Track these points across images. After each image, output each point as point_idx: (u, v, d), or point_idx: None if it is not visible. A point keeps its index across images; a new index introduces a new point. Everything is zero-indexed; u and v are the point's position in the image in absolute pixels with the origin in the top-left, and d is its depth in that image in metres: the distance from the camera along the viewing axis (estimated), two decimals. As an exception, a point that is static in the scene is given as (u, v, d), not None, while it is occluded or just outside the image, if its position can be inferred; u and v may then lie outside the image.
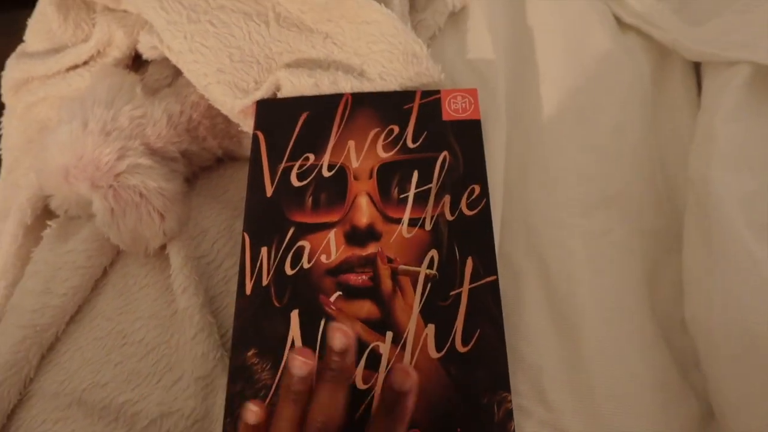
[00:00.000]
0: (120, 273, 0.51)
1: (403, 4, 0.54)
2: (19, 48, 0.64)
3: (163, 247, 0.51)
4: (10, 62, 0.62)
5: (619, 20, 0.63)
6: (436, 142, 0.46)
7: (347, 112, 0.47)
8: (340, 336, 0.35)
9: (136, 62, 0.60)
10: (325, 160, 0.46)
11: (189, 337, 0.46)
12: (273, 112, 0.49)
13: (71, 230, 0.53)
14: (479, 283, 0.41)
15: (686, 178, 0.50)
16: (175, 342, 0.47)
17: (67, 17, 0.58)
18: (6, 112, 0.64)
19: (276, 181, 0.46)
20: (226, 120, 0.54)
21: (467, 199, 0.44)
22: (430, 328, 0.40)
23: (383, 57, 0.48)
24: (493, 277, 0.41)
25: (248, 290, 0.42)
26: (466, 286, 0.41)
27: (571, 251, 0.48)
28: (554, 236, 0.49)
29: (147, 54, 0.55)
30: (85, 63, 0.60)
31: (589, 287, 0.47)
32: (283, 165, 0.46)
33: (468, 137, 0.46)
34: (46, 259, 0.50)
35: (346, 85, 0.48)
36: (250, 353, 0.41)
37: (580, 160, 0.52)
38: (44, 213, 0.56)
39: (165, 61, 0.57)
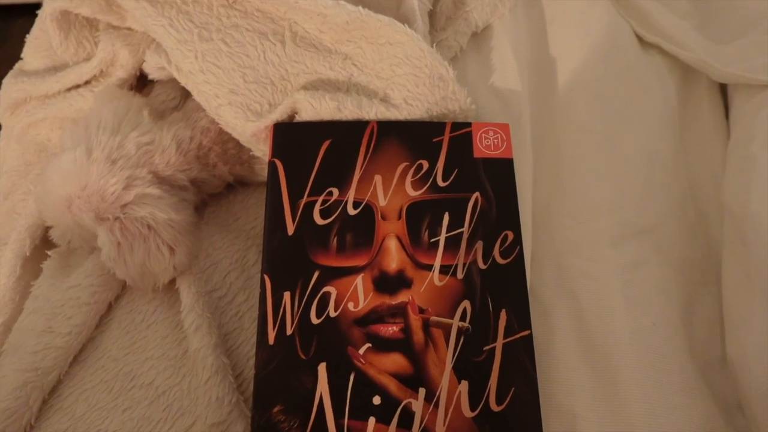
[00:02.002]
0: (126, 309, 0.48)
1: (425, 24, 0.52)
2: (17, 66, 0.61)
3: (173, 281, 0.48)
4: (7, 81, 0.59)
5: (641, 39, 0.61)
6: (468, 181, 0.44)
7: (373, 142, 0.45)
8: None
9: (141, 82, 0.58)
10: (351, 196, 0.43)
11: (202, 381, 0.43)
12: (292, 138, 0.46)
13: (73, 262, 0.51)
14: (513, 338, 0.39)
15: (722, 208, 0.48)
16: (187, 385, 0.44)
17: (69, 34, 0.55)
18: (2, 133, 0.61)
19: (298, 218, 0.43)
20: (238, 145, 0.51)
21: (500, 246, 0.42)
22: (464, 385, 0.38)
23: (408, 80, 0.46)
24: (527, 332, 0.39)
25: (271, 340, 0.40)
26: (500, 341, 0.39)
27: (603, 285, 0.46)
28: (585, 269, 0.47)
29: (153, 75, 0.53)
30: (87, 83, 0.57)
31: (624, 323, 0.45)
32: (305, 200, 0.43)
33: (500, 178, 0.44)
34: (47, 296, 0.47)
35: (371, 110, 0.45)
36: (275, 410, 0.38)
37: (610, 190, 0.50)
38: (43, 243, 0.53)
39: (172, 81, 0.54)
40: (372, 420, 0.37)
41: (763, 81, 0.52)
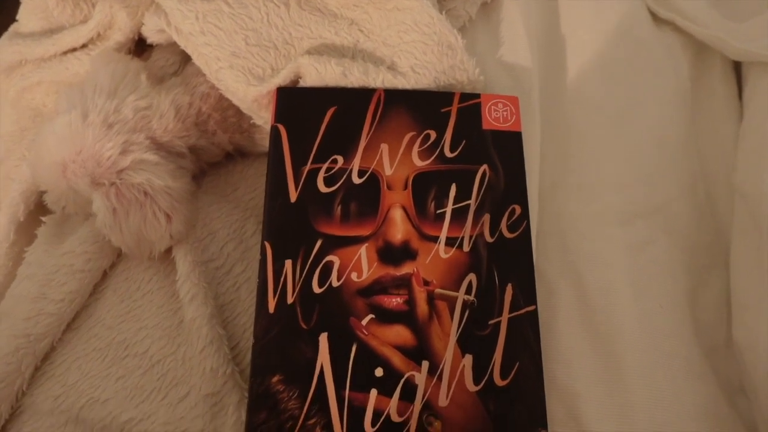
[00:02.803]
0: (121, 277, 0.47)
1: (433, -9, 0.50)
2: (12, 28, 0.60)
3: (169, 250, 0.47)
4: (2, 43, 0.57)
5: (654, 16, 0.59)
6: (476, 153, 0.43)
7: (380, 111, 0.43)
8: None
9: (140, 47, 0.56)
10: (356, 164, 0.42)
11: (197, 351, 0.42)
12: (296, 103, 0.44)
13: (68, 228, 0.49)
14: (519, 312, 0.39)
15: (732, 190, 0.47)
16: (181, 355, 0.43)
17: (65, -5, 0.54)
18: (-3, 97, 0.60)
19: (301, 184, 0.42)
20: (238, 113, 0.50)
21: (508, 219, 0.41)
22: (468, 359, 0.37)
23: (416, 48, 0.44)
24: (532, 307, 0.39)
25: (271, 308, 0.39)
26: (505, 315, 0.38)
27: (609, 264, 0.45)
28: (591, 249, 0.46)
29: (152, 38, 0.51)
30: (84, 46, 0.55)
31: (628, 304, 0.44)
32: (308, 167, 0.42)
33: (509, 151, 0.43)
34: (41, 262, 0.46)
35: (378, 77, 0.44)
36: (274, 380, 0.37)
37: (618, 169, 0.49)
38: (37, 208, 0.52)
39: (171, 46, 0.53)
40: (374, 392, 0.37)
41: (782, 59, 0.50)
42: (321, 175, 0.42)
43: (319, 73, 0.44)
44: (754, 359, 0.40)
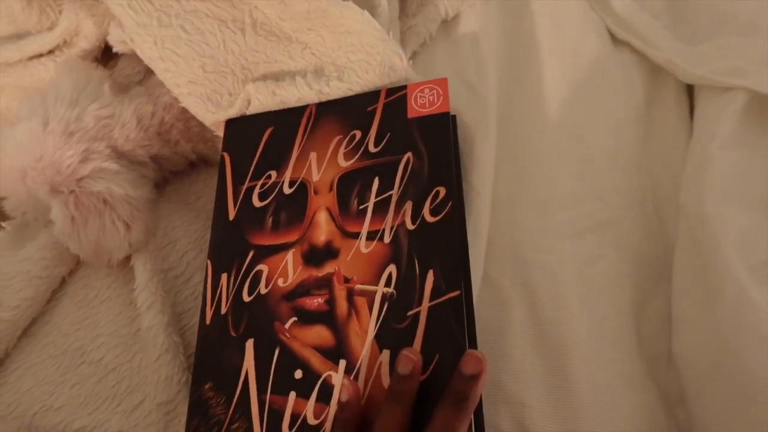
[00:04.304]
0: (79, 284, 0.48)
1: (393, 8, 0.51)
2: (-23, 32, 0.59)
3: (128, 257, 0.47)
4: (-33, 47, 0.57)
5: (613, 36, 0.61)
6: (400, 143, 0.42)
7: (311, 123, 0.44)
8: (405, 362, 0.34)
9: (106, 54, 0.56)
10: (287, 176, 0.43)
11: (152, 359, 0.43)
12: (240, 131, 0.46)
13: (27, 234, 0.50)
14: (440, 300, 0.36)
15: (678, 207, 0.49)
16: (137, 363, 0.44)
17: (31, 2, 0.54)
18: (-40, 100, 0.59)
19: (239, 202, 0.43)
20: (201, 123, 0.50)
21: (431, 204, 0.39)
22: (385, 354, 0.36)
23: (359, 66, 0.45)
24: (456, 293, 0.36)
25: (208, 319, 0.40)
26: (425, 305, 0.36)
27: (560, 277, 0.46)
28: (543, 261, 0.47)
29: (118, 47, 0.52)
30: (50, 52, 0.55)
31: (577, 316, 0.45)
32: (246, 185, 0.44)
33: (435, 133, 0.41)
34: (-2, 268, 0.46)
35: (314, 97, 0.45)
36: (206, 387, 0.38)
37: (572, 184, 0.50)
38: (-2, 214, 0.52)
39: (137, 55, 0.53)
40: (293, 395, 0.37)
41: (727, 84, 0.52)
42: (256, 191, 0.43)
43: (261, 102, 0.45)
44: (689, 371, 0.42)
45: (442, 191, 0.39)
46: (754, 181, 0.47)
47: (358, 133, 0.43)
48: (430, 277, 0.37)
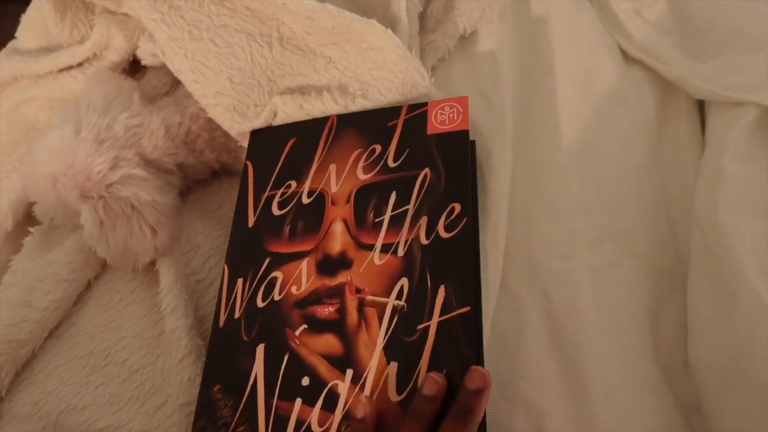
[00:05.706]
0: (105, 287, 0.49)
1: (413, 25, 0.53)
2: (10, 44, 0.62)
3: (153, 262, 0.48)
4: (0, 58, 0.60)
5: (624, 54, 0.63)
6: (418, 158, 0.42)
7: (332, 135, 0.45)
8: (431, 384, 0.34)
9: (134, 67, 0.58)
10: (306, 186, 0.44)
11: (175, 361, 0.43)
12: (265, 141, 0.48)
13: (54, 239, 0.51)
14: (450, 315, 0.36)
15: (691, 218, 0.50)
16: (160, 365, 0.45)
17: (65, 16, 0.56)
18: (-9, 110, 0.61)
19: (258, 210, 0.44)
20: (226, 134, 0.52)
21: (446, 219, 0.39)
22: (393, 367, 0.36)
23: (382, 84, 0.46)
24: (466, 309, 0.36)
25: (221, 323, 0.41)
26: (435, 319, 0.36)
27: (576, 285, 0.47)
28: (559, 269, 0.48)
29: (147, 60, 0.53)
30: (80, 65, 0.58)
31: (594, 323, 0.45)
32: (266, 194, 0.45)
33: (454, 151, 0.42)
34: (27, 270, 0.47)
35: (339, 112, 0.46)
36: (215, 389, 0.39)
37: (586, 193, 0.51)
38: (26, 218, 0.53)
39: (164, 68, 0.55)
40: (299, 401, 0.37)
41: (737, 98, 0.53)
42: (276, 200, 0.44)
43: (288, 115, 0.47)
44: (705, 379, 0.42)
45: (457, 207, 0.40)
46: (766, 191, 0.47)
47: (378, 148, 0.44)
48: (442, 292, 0.37)
